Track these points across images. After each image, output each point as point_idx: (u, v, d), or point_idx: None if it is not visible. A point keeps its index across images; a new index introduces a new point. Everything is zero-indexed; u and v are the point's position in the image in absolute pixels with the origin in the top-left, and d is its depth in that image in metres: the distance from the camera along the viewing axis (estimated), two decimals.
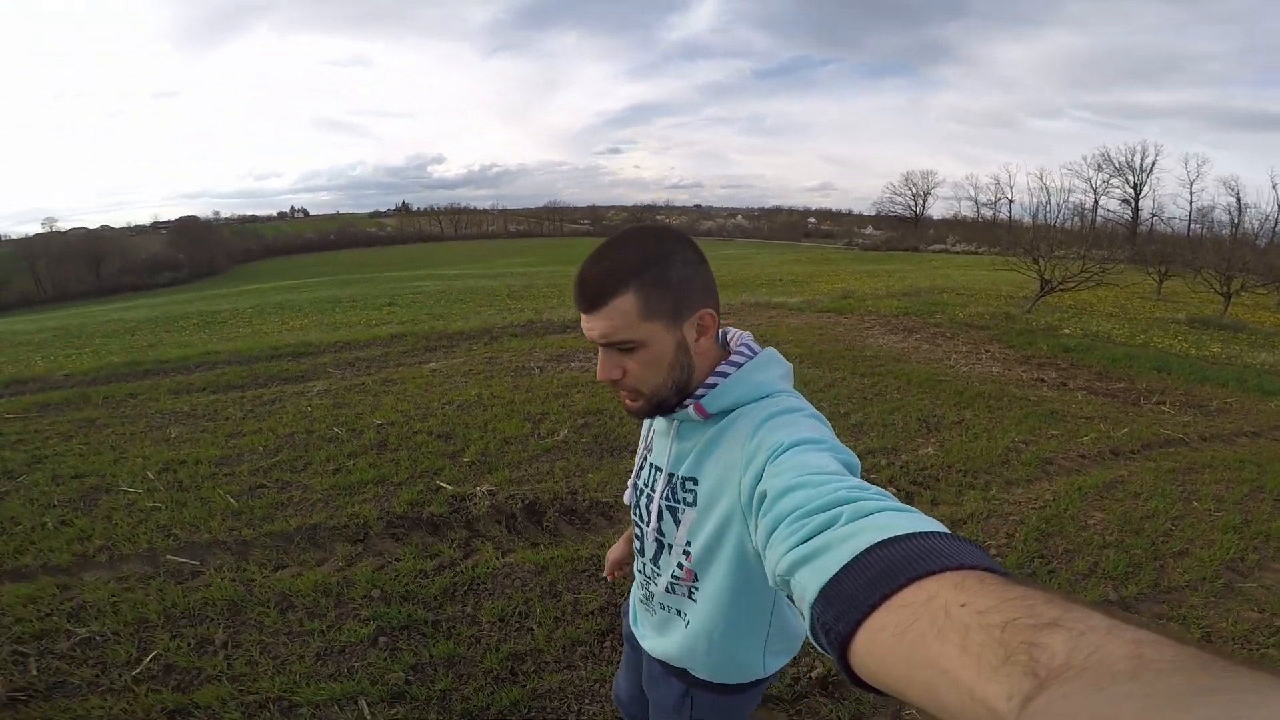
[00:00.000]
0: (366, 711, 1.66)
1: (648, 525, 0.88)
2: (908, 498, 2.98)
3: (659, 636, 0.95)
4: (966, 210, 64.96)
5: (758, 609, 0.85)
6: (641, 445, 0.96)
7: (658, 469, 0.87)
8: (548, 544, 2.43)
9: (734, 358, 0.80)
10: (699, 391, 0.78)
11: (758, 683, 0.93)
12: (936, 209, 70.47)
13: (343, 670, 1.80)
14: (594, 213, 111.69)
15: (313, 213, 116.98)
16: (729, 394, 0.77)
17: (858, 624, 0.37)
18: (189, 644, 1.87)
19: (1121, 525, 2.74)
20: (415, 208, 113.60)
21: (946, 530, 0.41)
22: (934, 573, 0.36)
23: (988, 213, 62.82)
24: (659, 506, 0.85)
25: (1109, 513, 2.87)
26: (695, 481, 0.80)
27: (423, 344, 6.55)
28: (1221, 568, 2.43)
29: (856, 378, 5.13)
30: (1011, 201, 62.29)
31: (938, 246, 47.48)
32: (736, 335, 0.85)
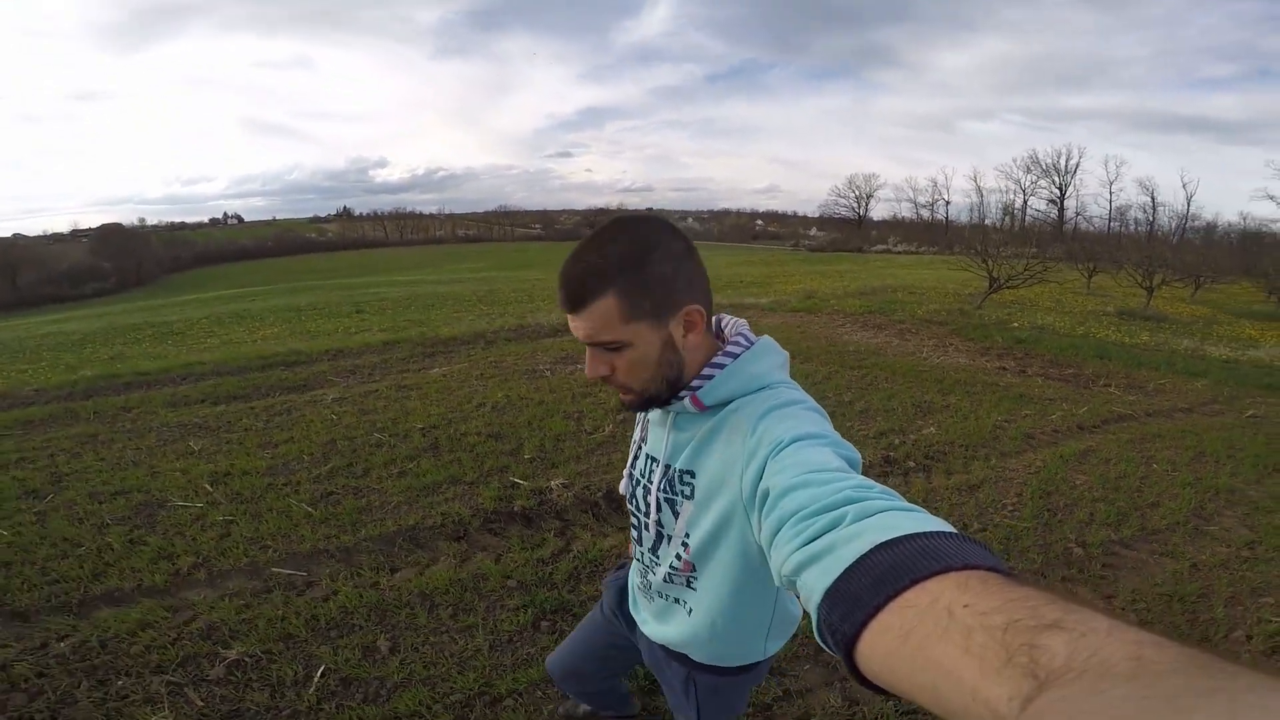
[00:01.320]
0: None
1: (647, 516, 0.86)
2: (926, 470, 3.38)
3: (659, 623, 0.95)
4: (906, 211, 68.88)
5: (761, 600, 0.85)
6: (636, 433, 0.94)
7: (654, 460, 0.85)
8: None
9: (730, 348, 0.78)
10: (695, 383, 0.76)
11: (758, 664, 0.94)
12: (878, 210, 74.49)
13: (522, 657, 1.83)
14: (545, 216, 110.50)
15: (247, 219, 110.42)
16: (725, 386, 0.75)
17: (863, 625, 0.37)
18: (356, 654, 1.83)
19: (1102, 484, 3.24)
20: (357, 212, 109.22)
21: (952, 529, 0.41)
22: (938, 573, 0.36)
23: (926, 213, 66.88)
24: (657, 498, 0.84)
25: (1090, 475, 3.37)
26: (693, 475, 0.79)
27: (419, 350, 6.52)
28: (1188, 515, 2.94)
29: (848, 370, 5.57)
30: (948, 203, 66.54)
31: (880, 247, 49.68)
32: (732, 324, 0.83)
